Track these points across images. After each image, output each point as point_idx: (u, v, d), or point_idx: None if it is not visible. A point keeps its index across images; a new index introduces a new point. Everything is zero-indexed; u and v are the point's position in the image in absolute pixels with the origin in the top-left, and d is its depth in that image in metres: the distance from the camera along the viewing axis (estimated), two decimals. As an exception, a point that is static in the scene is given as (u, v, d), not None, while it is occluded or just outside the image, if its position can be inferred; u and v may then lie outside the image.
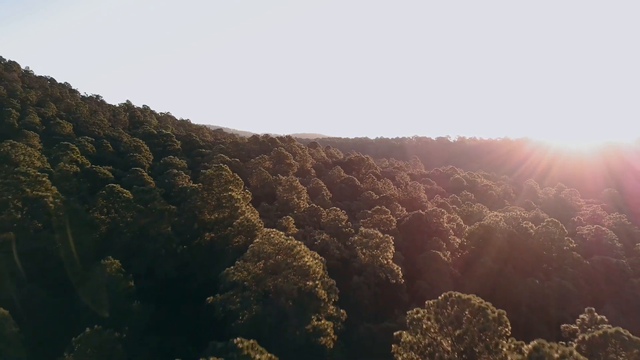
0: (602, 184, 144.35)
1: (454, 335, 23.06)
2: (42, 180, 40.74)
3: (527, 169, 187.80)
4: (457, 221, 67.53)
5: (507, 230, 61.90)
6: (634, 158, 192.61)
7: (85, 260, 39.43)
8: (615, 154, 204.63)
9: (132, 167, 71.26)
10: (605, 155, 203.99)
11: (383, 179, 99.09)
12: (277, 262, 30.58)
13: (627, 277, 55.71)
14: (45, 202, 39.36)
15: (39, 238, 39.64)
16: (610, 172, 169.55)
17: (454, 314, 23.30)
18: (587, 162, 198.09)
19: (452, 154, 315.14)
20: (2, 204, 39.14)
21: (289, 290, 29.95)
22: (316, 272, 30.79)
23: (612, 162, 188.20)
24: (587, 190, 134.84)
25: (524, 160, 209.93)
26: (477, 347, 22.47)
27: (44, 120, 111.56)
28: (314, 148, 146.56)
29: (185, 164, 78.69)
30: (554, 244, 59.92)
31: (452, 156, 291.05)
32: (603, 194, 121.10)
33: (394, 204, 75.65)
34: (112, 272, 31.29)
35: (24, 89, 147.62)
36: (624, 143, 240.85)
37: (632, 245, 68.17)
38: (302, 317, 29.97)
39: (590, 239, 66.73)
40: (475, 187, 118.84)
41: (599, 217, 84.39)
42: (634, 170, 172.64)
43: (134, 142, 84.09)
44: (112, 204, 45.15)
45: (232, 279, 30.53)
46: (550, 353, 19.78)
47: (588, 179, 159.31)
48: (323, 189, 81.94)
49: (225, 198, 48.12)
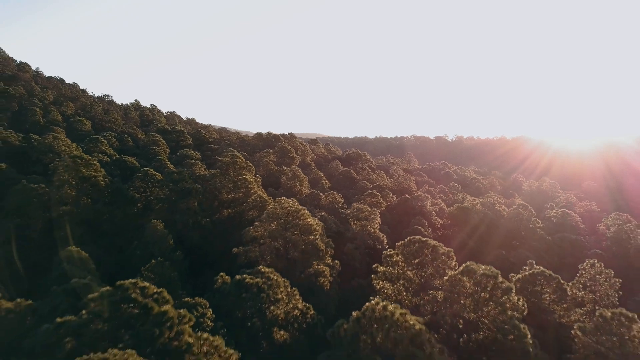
0: (602, 183, 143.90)
1: (414, 264, 32.35)
2: (94, 163, 49.96)
3: (527, 169, 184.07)
4: (440, 205, 76.73)
5: (483, 212, 71.17)
6: (634, 158, 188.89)
7: (130, 226, 48.77)
8: (614, 154, 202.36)
9: (151, 159, 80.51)
10: (605, 154, 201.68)
11: (377, 171, 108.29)
12: (286, 221, 39.85)
13: (584, 250, 64.90)
14: (97, 180, 48.58)
15: (91, 210, 48.94)
16: (609, 171, 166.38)
17: (415, 250, 32.57)
18: (586, 161, 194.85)
19: (450, 153, 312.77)
20: (63, 181, 48.37)
21: (295, 243, 39.21)
22: (316, 229, 40.07)
23: (611, 161, 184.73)
24: (586, 189, 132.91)
25: (524, 160, 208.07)
26: (429, 270, 31.79)
27: (64, 118, 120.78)
28: (314, 144, 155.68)
29: (199, 156, 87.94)
30: (522, 223, 69.19)
31: (451, 155, 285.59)
32: (583, 187, 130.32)
33: (385, 191, 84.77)
34: (158, 230, 40.52)
35: (41, 88, 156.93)
36: (624, 142, 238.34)
37: (594, 226, 77.32)
38: (305, 263, 39.25)
39: (556, 220, 75.95)
40: (464, 180, 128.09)
41: (571, 204, 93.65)
42: (633, 169, 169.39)
43: (153, 137, 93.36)
44: (146, 185, 54.36)
45: (252, 235, 39.85)
46: (476, 269, 29.00)
47: (587, 178, 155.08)
48: (322, 179, 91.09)
49: (240, 181, 57.39)
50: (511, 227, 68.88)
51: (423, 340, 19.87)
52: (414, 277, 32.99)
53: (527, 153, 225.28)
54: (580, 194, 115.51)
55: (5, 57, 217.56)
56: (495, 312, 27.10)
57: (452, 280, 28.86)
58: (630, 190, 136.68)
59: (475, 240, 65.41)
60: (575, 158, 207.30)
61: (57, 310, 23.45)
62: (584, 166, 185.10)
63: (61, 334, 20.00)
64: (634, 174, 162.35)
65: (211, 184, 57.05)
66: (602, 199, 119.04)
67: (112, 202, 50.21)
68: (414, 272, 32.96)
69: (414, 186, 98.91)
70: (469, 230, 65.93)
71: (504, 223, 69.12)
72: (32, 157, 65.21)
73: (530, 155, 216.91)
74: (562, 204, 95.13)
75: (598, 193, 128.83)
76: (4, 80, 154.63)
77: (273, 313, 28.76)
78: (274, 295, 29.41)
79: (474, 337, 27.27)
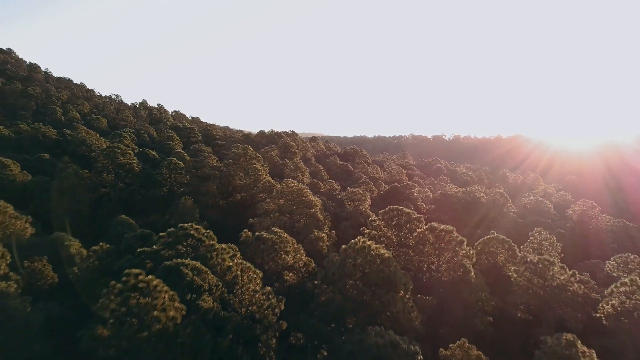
0: (601, 182, 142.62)
1: (392, 226, 41.62)
2: (128, 152, 59.20)
3: (526, 170, 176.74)
4: (427, 193, 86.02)
5: (463, 198, 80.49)
6: (633, 157, 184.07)
7: (160, 206, 58.01)
8: (614, 153, 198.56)
9: (168, 153, 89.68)
10: (604, 154, 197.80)
11: (372, 165, 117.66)
12: (292, 197, 49.13)
13: (551, 230, 74.09)
14: (132, 167, 57.86)
15: (127, 191, 58.23)
16: (609, 170, 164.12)
17: (393, 215, 41.85)
18: (585, 161, 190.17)
19: (447, 152, 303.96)
20: (103, 167, 57.63)
21: (299, 215, 48.51)
22: (316, 204, 49.38)
23: (610, 161, 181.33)
24: (585, 188, 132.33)
25: (523, 160, 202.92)
26: (404, 230, 41.07)
27: (82, 116, 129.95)
28: (314, 142, 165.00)
29: (210, 150, 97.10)
30: (497, 208, 78.46)
31: (449, 154, 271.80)
32: (564, 180, 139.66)
33: (379, 182, 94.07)
34: (188, 204, 49.78)
35: (56, 89, 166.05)
36: (623, 142, 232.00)
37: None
38: (307, 231, 48.48)
39: (530, 206, 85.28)
40: (454, 175, 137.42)
41: (548, 195, 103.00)
42: (633, 169, 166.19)
43: (167, 133, 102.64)
44: (171, 172, 63.60)
45: (264, 208, 49.16)
46: (437, 227, 38.23)
47: (586, 178, 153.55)
48: (321, 171, 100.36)
49: (251, 169, 66.64)
50: (487, 211, 78.11)
51: (390, 262, 29.16)
52: (392, 236, 42.28)
53: (527, 153, 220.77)
54: (560, 187, 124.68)
55: (17, 59, 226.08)
56: (450, 256, 36.39)
57: (420, 235, 38.16)
58: (630, 189, 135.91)
59: (455, 222, 74.16)
60: (574, 157, 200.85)
61: (132, 248, 32.66)
62: (584, 166, 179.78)
63: (142, 259, 29.25)
64: (633, 173, 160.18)
65: (226, 172, 66.29)
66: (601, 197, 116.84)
67: (144, 185, 59.48)
68: (392, 232, 42.26)
69: (405, 178, 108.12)
70: (450, 213, 75.20)
71: (481, 208, 78.39)
72: (67, 149, 74.42)
73: (529, 156, 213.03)
74: (540, 194, 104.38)
75: (579, 186, 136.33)
76: (20, 81, 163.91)
77: (284, 260, 37.98)
78: (284, 248, 38.61)
79: (435, 275, 36.59)
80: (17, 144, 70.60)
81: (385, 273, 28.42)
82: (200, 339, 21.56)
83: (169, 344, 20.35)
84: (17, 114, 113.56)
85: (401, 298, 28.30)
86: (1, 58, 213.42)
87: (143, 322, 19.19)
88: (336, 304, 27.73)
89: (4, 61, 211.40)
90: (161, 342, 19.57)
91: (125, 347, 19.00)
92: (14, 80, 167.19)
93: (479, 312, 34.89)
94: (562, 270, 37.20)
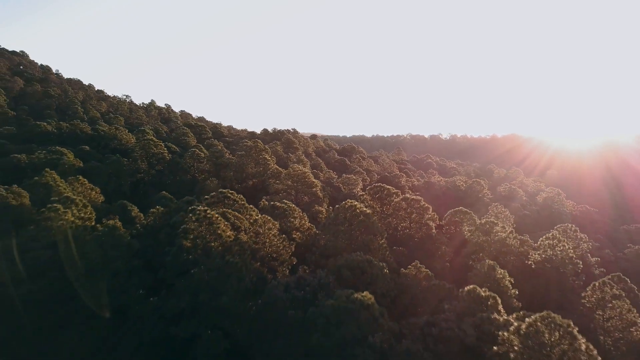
0: (600, 182, 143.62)
1: (376, 198, 53.45)
2: (160, 144, 70.97)
3: (526, 170, 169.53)
4: (414, 182, 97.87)
5: (444, 185, 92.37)
6: (633, 157, 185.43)
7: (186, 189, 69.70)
8: (613, 152, 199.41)
9: (184, 147, 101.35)
10: (603, 153, 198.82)
11: (367, 160, 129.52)
12: (297, 179, 60.94)
13: (517, 211, 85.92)
14: (163, 155, 69.64)
15: (158, 175, 69.95)
16: (608, 169, 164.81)
17: (377, 190, 53.68)
18: (585, 160, 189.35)
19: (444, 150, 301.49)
20: (138, 156, 69.32)
21: (302, 193, 60.31)
22: (317, 185, 61.20)
23: (610, 160, 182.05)
24: (584, 188, 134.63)
25: (522, 161, 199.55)
26: (385, 202, 52.90)
27: (101, 115, 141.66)
28: (314, 139, 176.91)
29: (222, 145, 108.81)
30: (474, 194, 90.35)
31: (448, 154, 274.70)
32: (545, 175, 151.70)
33: (372, 173, 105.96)
34: (214, 185, 61.53)
35: (72, 89, 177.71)
36: (623, 141, 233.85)
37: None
38: (310, 206, 60.25)
39: (504, 193, 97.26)
40: (443, 169, 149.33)
41: (524, 185, 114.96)
42: (632, 168, 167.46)
43: (183, 130, 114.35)
44: (194, 161, 75.28)
45: (275, 187, 60.94)
46: (410, 197, 50.04)
47: (586, 177, 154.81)
48: (321, 164, 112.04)
49: (261, 159, 78.41)
50: (465, 196, 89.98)
51: (370, 216, 40.94)
52: (375, 206, 54.06)
53: (522, 152, 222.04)
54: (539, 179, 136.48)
55: (30, 61, 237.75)
56: (418, 218, 48.21)
57: (395, 205, 49.97)
58: (629, 189, 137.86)
59: (435, 205, 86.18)
60: (574, 157, 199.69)
61: (181, 209, 44.31)
62: (583, 165, 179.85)
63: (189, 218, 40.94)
64: (633, 173, 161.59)
65: (240, 161, 78.03)
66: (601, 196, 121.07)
67: (172, 172, 71.22)
68: (375, 203, 54.04)
69: (396, 171, 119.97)
70: (432, 198, 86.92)
71: (460, 194, 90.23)
72: (101, 143, 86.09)
73: (529, 156, 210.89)
74: (518, 184, 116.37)
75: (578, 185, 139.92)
76: (39, 83, 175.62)
77: (292, 223, 49.71)
78: (292, 214, 50.37)
79: (407, 232, 48.40)
80: (59, 138, 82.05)
81: (365, 223, 40.28)
82: (243, 253, 33.25)
83: (225, 258, 32.11)
84: (42, 113, 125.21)
85: (377, 240, 40.15)
86: (16, 60, 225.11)
87: (212, 235, 30.97)
88: (332, 243, 39.57)
89: (19, 63, 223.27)
90: (221, 252, 31.34)
91: (199, 254, 30.76)
92: (33, 82, 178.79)
93: (438, 258, 46.62)
94: (502, 229, 49.04)
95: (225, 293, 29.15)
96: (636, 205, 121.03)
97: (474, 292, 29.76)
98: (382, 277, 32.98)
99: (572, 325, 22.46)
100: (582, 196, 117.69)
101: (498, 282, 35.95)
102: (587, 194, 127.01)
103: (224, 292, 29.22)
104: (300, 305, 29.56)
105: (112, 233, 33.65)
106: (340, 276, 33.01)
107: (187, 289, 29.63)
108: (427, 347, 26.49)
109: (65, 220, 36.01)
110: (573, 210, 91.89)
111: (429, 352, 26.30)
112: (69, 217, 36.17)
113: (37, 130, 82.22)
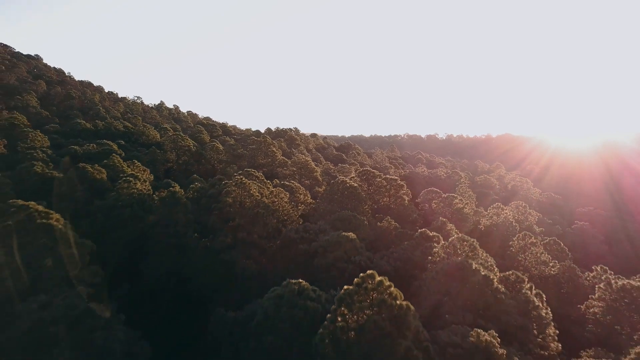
0: (600, 181, 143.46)
1: (363, 179, 67.77)
2: (186, 138, 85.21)
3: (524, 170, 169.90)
4: (401, 173, 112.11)
5: (427, 175, 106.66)
6: (632, 157, 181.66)
7: (209, 175, 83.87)
8: (612, 152, 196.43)
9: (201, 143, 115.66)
10: (602, 153, 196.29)
11: (362, 155, 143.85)
12: (301, 166, 75.23)
13: (489, 197, 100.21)
14: (190, 148, 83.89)
15: (184, 164, 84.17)
16: (607, 169, 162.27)
17: (364, 172, 68.01)
18: (584, 160, 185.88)
19: (440, 149, 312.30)
20: (168, 149, 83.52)
21: (305, 177, 74.64)
22: (317, 170, 75.52)
23: (609, 160, 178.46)
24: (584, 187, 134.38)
25: (522, 161, 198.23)
26: (372, 181, 67.26)
27: (120, 114, 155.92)
28: (313, 137, 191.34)
29: (233, 141, 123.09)
30: (452, 182, 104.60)
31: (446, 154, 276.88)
32: (522, 166, 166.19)
33: (365, 166, 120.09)
34: (233, 171, 75.77)
35: (92, 92, 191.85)
36: (622, 141, 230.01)
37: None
38: (311, 187, 74.52)
39: (480, 183, 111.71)
40: (432, 164, 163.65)
41: (501, 177, 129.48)
42: (632, 168, 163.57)
43: (198, 127, 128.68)
44: (213, 152, 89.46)
45: (283, 173, 75.26)
46: (391, 177, 64.34)
47: (585, 177, 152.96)
48: (320, 158, 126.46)
49: (270, 152, 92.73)
50: (444, 184, 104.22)
51: (356, 189, 55.20)
52: (363, 186, 68.27)
53: (526, 153, 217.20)
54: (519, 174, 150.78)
55: (44, 64, 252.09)
56: (395, 193, 62.48)
57: (378, 184, 64.25)
58: (629, 189, 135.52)
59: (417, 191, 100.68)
60: (573, 157, 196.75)
61: (216, 185, 58.43)
62: (582, 165, 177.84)
63: (229, 184, 55.22)
64: (632, 173, 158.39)
65: (252, 153, 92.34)
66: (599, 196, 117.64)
67: (197, 161, 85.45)
68: (363, 183, 68.27)
69: (387, 164, 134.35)
70: (415, 185, 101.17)
71: (439, 182, 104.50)
72: (131, 138, 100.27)
73: (528, 156, 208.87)
74: (496, 176, 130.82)
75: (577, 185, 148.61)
76: (59, 85, 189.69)
77: (298, 198, 63.95)
78: (298, 191, 64.63)
79: (386, 203, 62.67)
80: (97, 134, 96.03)
81: (353, 193, 54.61)
82: (266, 208, 47.41)
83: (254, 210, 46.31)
84: (67, 113, 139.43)
85: (362, 206, 54.43)
86: (33, 64, 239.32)
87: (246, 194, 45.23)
88: (329, 208, 53.86)
89: (35, 66, 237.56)
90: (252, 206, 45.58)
91: (237, 207, 44.96)
92: (53, 84, 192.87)
93: (409, 222, 60.78)
94: (461, 202, 63.32)
95: (255, 232, 43.37)
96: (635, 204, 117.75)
97: (424, 233, 44.02)
98: (363, 226, 47.24)
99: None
100: (582, 196, 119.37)
101: (449, 232, 50.22)
102: (586, 193, 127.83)
103: (255, 232, 43.43)
104: (307, 242, 43.75)
105: (174, 195, 47.75)
106: (334, 225, 47.23)
107: (230, 231, 43.79)
108: (389, 264, 40.77)
109: (135, 188, 50.37)
110: (540, 196, 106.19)
111: (391, 266, 40.58)
112: (139, 186, 50.51)
113: (77, 127, 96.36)
